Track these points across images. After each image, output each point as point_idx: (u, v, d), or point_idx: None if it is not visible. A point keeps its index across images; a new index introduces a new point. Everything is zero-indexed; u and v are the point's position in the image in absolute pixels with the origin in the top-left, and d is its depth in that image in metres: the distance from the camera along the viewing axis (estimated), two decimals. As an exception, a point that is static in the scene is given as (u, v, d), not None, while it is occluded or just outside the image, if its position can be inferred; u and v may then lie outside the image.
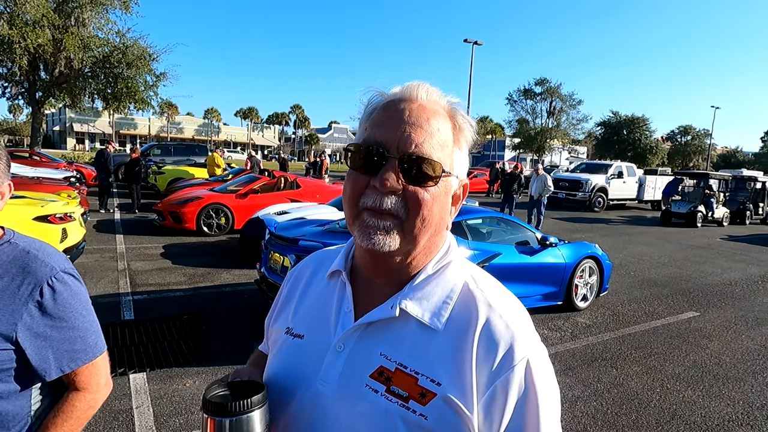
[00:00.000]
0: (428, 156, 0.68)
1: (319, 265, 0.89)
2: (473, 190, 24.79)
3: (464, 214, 5.28)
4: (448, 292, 0.74)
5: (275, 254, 4.68)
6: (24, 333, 1.00)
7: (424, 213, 0.69)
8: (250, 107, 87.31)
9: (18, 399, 1.03)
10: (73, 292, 1.07)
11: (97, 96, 19.92)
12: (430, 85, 0.74)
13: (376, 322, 0.73)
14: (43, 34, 16.49)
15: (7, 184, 1.08)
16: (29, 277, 1.02)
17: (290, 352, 0.80)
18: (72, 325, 1.06)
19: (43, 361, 1.03)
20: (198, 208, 9.35)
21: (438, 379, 0.68)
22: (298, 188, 10.72)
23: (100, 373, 1.12)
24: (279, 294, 0.94)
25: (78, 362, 1.07)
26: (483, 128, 57.52)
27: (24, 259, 1.04)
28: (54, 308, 1.03)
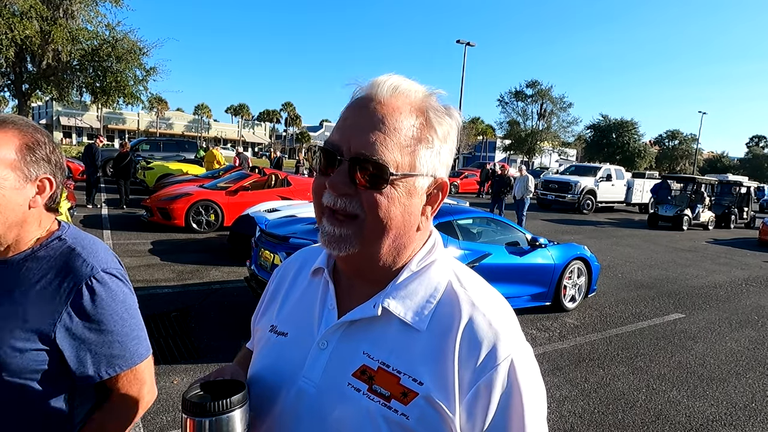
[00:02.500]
0: (379, 158, 0.66)
1: (304, 263, 0.88)
2: (464, 191, 24.88)
3: (455, 214, 5.30)
4: (431, 291, 0.73)
5: (265, 252, 4.65)
6: (62, 333, 0.97)
7: (380, 215, 0.67)
8: (241, 104, 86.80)
9: (57, 403, 1.00)
10: (113, 293, 1.02)
11: (86, 89, 19.63)
12: (400, 78, 0.71)
13: (358, 320, 0.73)
14: (31, 26, 16.22)
15: (45, 178, 1.02)
16: (70, 276, 0.99)
17: (274, 350, 0.79)
18: (110, 329, 1.01)
19: (81, 365, 0.99)
20: (187, 205, 9.27)
21: (420, 379, 0.67)
22: (289, 186, 10.68)
23: (142, 381, 1.07)
24: (265, 292, 0.93)
25: (116, 368, 1.02)
26: (474, 129, 57.76)
27: (68, 257, 1.01)
28: (92, 310, 0.99)
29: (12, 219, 0.99)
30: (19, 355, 0.95)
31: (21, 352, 0.95)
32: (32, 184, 1.02)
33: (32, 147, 1.01)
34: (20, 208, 1.00)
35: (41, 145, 1.03)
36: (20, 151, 0.99)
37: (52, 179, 1.06)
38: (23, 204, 1.00)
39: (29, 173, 1.00)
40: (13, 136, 0.99)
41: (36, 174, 1.02)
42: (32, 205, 1.02)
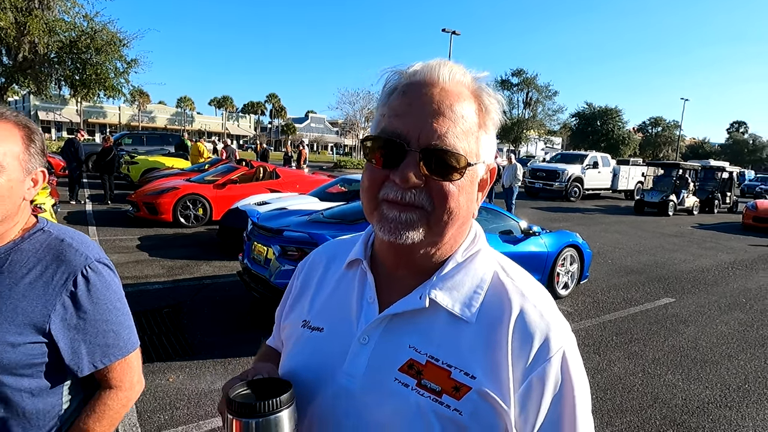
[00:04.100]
0: (452, 148, 0.64)
1: (334, 256, 0.85)
2: (452, 181, 24.86)
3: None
4: (478, 282, 0.71)
5: (258, 245, 4.58)
6: (57, 325, 0.95)
7: (450, 205, 0.65)
8: (225, 96, 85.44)
9: (49, 396, 0.98)
10: (106, 283, 1.02)
11: (64, 83, 19.10)
12: (452, 62, 0.69)
13: (402, 313, 0.70)
14: (5, 17, 15.68)
15: (39, 171, 1.01)
16: (63, 266, 0.97)
17: (309, 346, 0.76)
18: (105, 318, 1.00)
19: (75, 356, 0.98)
20: (174, 199, 9.11)
21: (472, 372, 0.65)
22: (278, 178, 10.55)
23: (133, 370, 1.07)
24: (290, 287, 0.90)
25: (111, 358, 1.02)
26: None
27: (58, 248, 0.99)
28: (87, 300, 0.98)
29: (11, 211, 0.98)
30: (11, 350, 0.93)
31: (14, 347, 0.93)
32: (29, 177, 1.01)
33: (32, 139, 1.00)
34: (19, 200, 0.99)
35: (37, 137, 1.02)
36: (23, 143, 0.98)
37: (45, 172, 1.05)
38: (21, 196, 0.99)
39: (29, 166, 1.00)
40: (14, 127, 0.98)
41: (34, 166, 1.01)
42: (26, 197, 1.01)
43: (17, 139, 0.97)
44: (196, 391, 3.36)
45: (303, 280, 0.86)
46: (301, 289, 0.85)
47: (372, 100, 41.99)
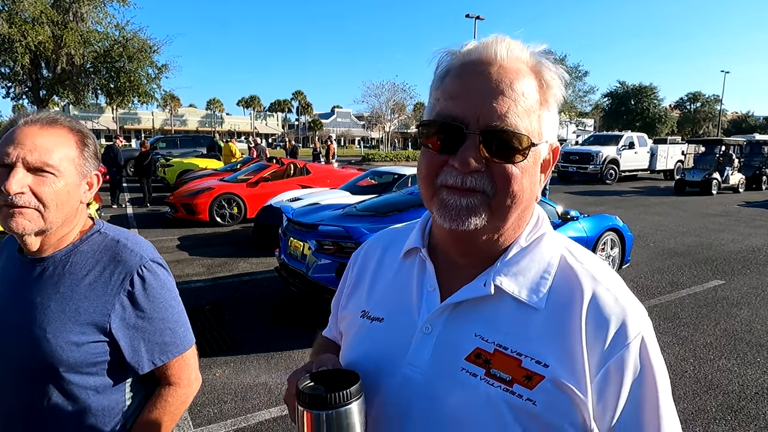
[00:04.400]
0: (514, 128, 0.61)
1: (389, 244, 0.83)
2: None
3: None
4: (545, 267, 0.68)
5: (294, 241, 4.63)
6: (117, 324, 0.98)
7: (513, 189, 0.62)
8: (252, 96, 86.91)
9: (113, 394, 1.02)
10: (162, 282, 1.04)
11: (101, 91, 19.84)
12: (509, 38, 0.65)
13: (466, 301, 0.67)
14: (43, 31, 16.37)
15: (94, 174, 1.04)
16: (120, 267, 1.00)
17: (369, 337, 0.75)
18: (162, 316, 1.03)
19: (135, 354, 1.00)
20: (210, 199, 9.33)
21: (544, 360, 0.62)
22: (308, 174, 10.65)
23: (191, 367, 1.09)
24: (345, 277, 0.89)
25: (169, 355, 1.04)
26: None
27: (114, 249, 1.02)
28: (144, 299, 1.00)
29: (70, 214, 1.00)
30: (76, 349, 0.96)
31: (78, 346, 0.96)
32: (84, 180, 1.03)
33: (85, 143, 1.02)
34: (76, 203, 1.01)
35: (90, 141, 1.04)
36: (78, 147, 1.00)
37: (99, 175, 1.07)
38: (78, 199, 1.02)
39: (84, 170, 1.02)
40: (69, 133, 1.00)
41: (88, 170, 1.03)
42: (82, 200, 1.04)
43: (72, 144, 0.99)
44: (241, 385, 3.43)
45: (358, 270, 0.85)
46: (357, 279, 0.84)
47: (397, 91, 41.82)
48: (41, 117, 0.98)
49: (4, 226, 0.93)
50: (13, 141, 0.93)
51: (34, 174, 0.93)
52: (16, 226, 0.92)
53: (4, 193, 0.90)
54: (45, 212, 0.94)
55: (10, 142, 0.93)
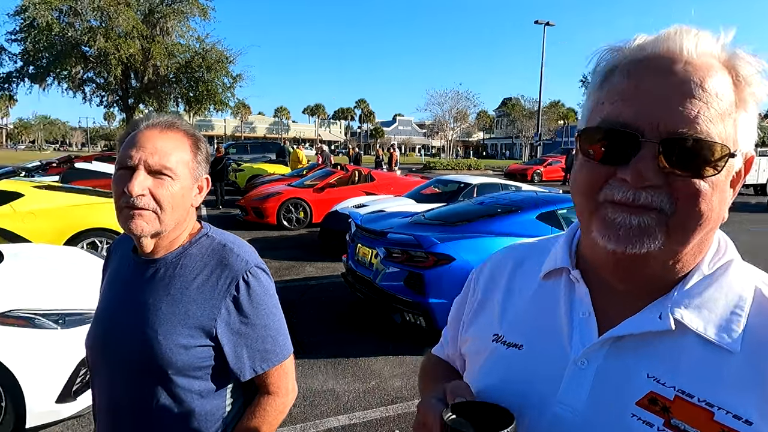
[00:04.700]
0: (706, 135, 0.51)
1: (521, 261, 0.75)
2: (548, 179, 23.70)
3: (558, 203, 4.95)
4: (736, 300, 0.57)
5: (363, 247, 4.64)
6: (222, 329, 0.98)
7: (700, 208, 0.53)
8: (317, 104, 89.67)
9: (215, 399, 1.02)
10: (265, 288, 1.03)
11: (181, 100, 21.29)
12: (696, 28, 0.55)
13: (633, 335, 0.58)
14: (134, 45, 17.84)
15: (204, 178, 1.06)
16: (226, 271, 1.00)
17: (505, 364, 0.67)
18: (264, 323, 1.02)
19: (238, 360, 1.00)
20: (278, 203, 9.63)
21: (745, 416, 0.51)
22: (373, 181, 10.73)
23: (289, 376, 1.08)
24: (466, 294, 0.82)
25: (269, 363, 1.03)
26: (555, 114, 54.99)
27: (221, 253, 1.03)
28: (248, 304, 1.00)
29: (183, 217, 1.02)
30: (184, 352, 0.96)
31: (186, 349, 0.96)
32: (196, 184, 1.04)
33: (198, 147, 1.04)
34: (188, 206, 1.03)
35: (203, 145, 1.05)
36: (192, 151, 1.02)
37: (209, 179, 1.08)
38: (190, 203, 1.03)
39: (197, 173, 1.03)
40: (184, 137, 1.01)
41: (200, 174, 1.04)
42: (193, 204, 1.04)
43: (187, 148, 1.01)
44: (310, 390, 3.45)
45: (485, 288, 0.77)
46: (484, 298, 0.77)
47: (460, 99, 41.44)
48: (161, 121, 1.00)
49: (123, 226, 0.96)
50: (135, 144, 0.96)
51: (153, 177, 0.95)
52: (135, 228, 0.95)
53: (127, 194, 0.93)
54: (161, 215, 0.96)
55: (132, 145, 0.96)
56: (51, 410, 2.64)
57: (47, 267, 3.49)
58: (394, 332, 4.44)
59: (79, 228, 5.45)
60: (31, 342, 2.60)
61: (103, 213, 5.69)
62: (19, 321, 2.62)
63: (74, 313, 2.84)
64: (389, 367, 3.79)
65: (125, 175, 0.94)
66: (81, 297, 3.04)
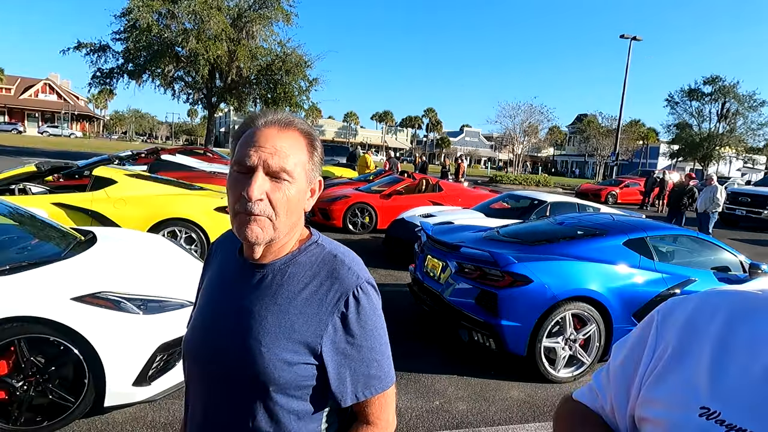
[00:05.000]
0: None
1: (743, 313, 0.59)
2: (624, 201, 22.35)
3: (648, 229, 4.55)
4: None
5: (433, 259, 4.50)
6: (328, 347, 0.90)
7: None
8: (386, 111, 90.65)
9: (311, 422, 0.93)
10: (374, 307, 0.94)
11: (259, 101, 22.29)
12: None
13: None
14: (222, 47, 18.94)
15: (317, 181, 0.98)
16: (337, 285, 0.91)
17: None
18: (370, 345, 0.92)
19: (340, 383, 0.91)
20: (345, 206, 9.71)
21: None
22: (440, 191, 10.56)
23: (390, 407, 0.97)
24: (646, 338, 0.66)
25: (372, 390, 0.93)
26: (634, 133, 51.90)
27: (332, 264, 0.94)
28: (356, 323, 0.91)
29: (296, 222, 0.94)
30: (288, 369, 0.88)
31: (290, 365, 0.88)
32: (310, 187, 0.96)
33: (315, 148, 0.96)
34: (302, 211, 0.95)
35: (318, 145, 0.97)
36: (308, 152, 0.94)
37: (322, 181, 1.00)
38: (303, 207, 0.96)
39: (312, 175, 0.95)
40: (300, 136, 0.94)
41: (315, 176, 0.97)
42: (306, 208, 0.96)
43: (303, 148, 0.93)
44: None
45: (680, 335, 0.62)
46: (680, 348, 0.62)
47: (534, 113, 40.23)
48: (279, 118, 0.93)
49: (238, 232, 0.89)
50: (254, 143, 0.89)
51: (271, 179, 0.88)
52: (251, 234, 0.88)
53: (245, 199, 0.86)
54: (276, 221, 0.89)
55: (251, 144, 0.89)
56: (127, 392, 2.72)
57: (133, 252, 3.66)
58: (460, 350, 4.26)
59: (162, 217, 5.74)
60: (115, 324, 2.70)
61: (184, 204, 5.97)
62: (107, 303, 2.74)
63: (156, 300, 2.93)
64: (454, 388, 3.61)
65: (243, 177, 0.88)
66: (162, 284, 3.15)
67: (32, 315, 2.54)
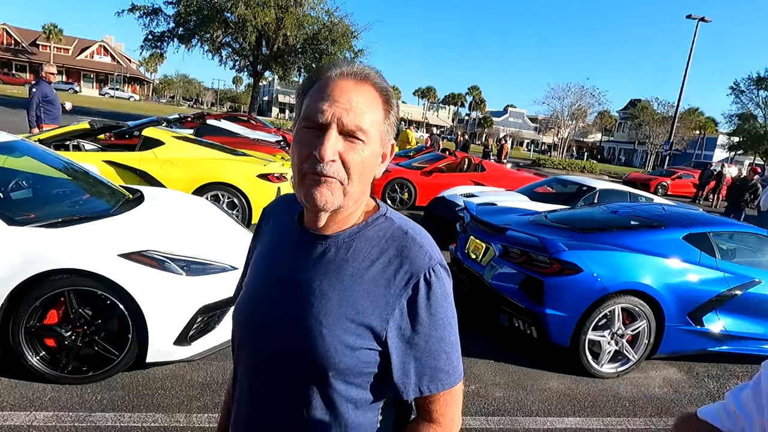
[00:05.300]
0: None
1: None
2: (675, 193, 21.22)
3: (711, 224, 4.23)
4: None
5: (476, 240, 4.35)
6: (393, 333, 0.80)
7: None
8: (429, 87, 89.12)
9: (368, 412, 0.85)
10: (446, 292, 0.83)
11: (304, 70, 22.21)
12: None
13: None
14: (270, 14, 18.85)
15: (390, 144, 0.87)
16: (406, 264, 0.81)
17: None
18: (440, 335, 0.82)
19: (404, 375, 0.81)
20: (385, 181, 9.59)
21: None
22: (483, 171, 10.27)
23: (456, 404, 0.87)
24: None
25: (438, 385, 0.83)
26: (691, 122, 48.92)
27: (402, 241, 0.83)
28: (425, 310, 0.80)
29: (366, 190, 0.84)
30: (350, 353, 0.79)
31: (352, 350, 0.79)
32: (382, 150, 0.85)
33: (391, 106, 0.83)
34: (372, 177, 0.84)
35: (395, 103, 0.85)
36: (384, 110, 0.82)
37: (395, 145, 0.89)
38: (374, 173, 0.85)
39: (386, 137, 0.84)
40: (376, 92, 0.81)
41: (389, 138, 0.85)
42: (376, 174, 0.86)
43: (379, 106, 0.82)
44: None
45: None
46: None
47: (585, 95, 38.52)
48: (355, 70, 0.81)
49: (305, 196, 0.79)
50: (327, 96, 0.77)
51: (344, 139, 0.77)
52: (320, 199, 0.78)
53: (315, 158, 0.76)
54: (347, 185, 0.79)
55: (324, 97, 0.78)
56: (168, 350, 2.76)
57: (178, 213, 3.69)
58: (499, 335, 4.14)
59: (206, 180, 5.80)
60: (159, 283, 2.73)
61: (228, 169, 6.01)
62: (152, 261, 2.76)
63: (199, 262, 2.93)
64: (491, 373, 3.51)
65: (313, 135, 0.77)
66: (205, 247, 3.15)
67: (81, 268, 2.59)
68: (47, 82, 7.42)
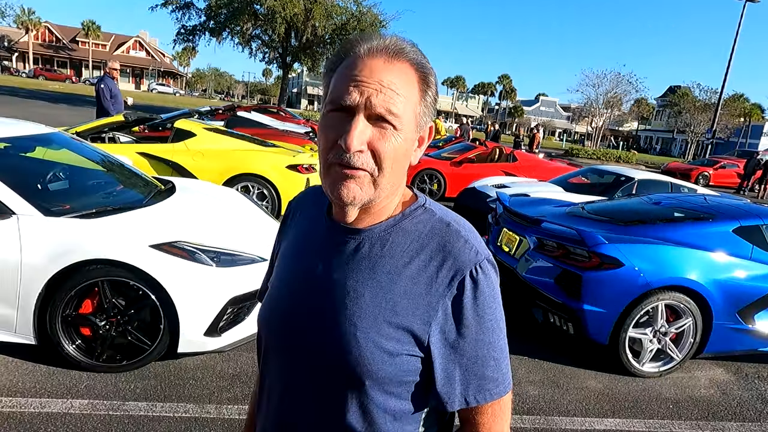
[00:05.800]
0: None
1: None
2: (717, 184, 20.28)
3: (764, 216, 3.96)
4: None
5: (509, 232, 4.21)
6: (437, 337, 0.72)
7: None
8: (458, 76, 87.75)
9: (408, 424, 0.77)
10: (494, 293, 0.74)
11: (332, 61, 22.20)
12: None
13: None
14: (298, 5, 18.89)
15: (428, 128, 0.78)
16: (449, 260, 0.72)
17: None
18: (488, 339, 0.73)
19: (448, 383, 0.72)
20: (414, 172, 9.47)
21: None
22: (514, 161, 10.02)
23: (506, 417, 0.77)
24: None
25: (486, 395, 0.74)
26: (735, 109, 46.53)
27: (444, 234, 0.75)
28: (472, 311, 0.72)
29: (402, 178, 0.75)
30: (388, 360, 0.71)
31: (391, 356, 0.71)
32: (419, 135, 0.76)
33: (429, 85, 0.74)
34: (407, 166, 0.75)
35: (433, 80, 0.75)
36: (420, 90, 0.73)
37: (433, 127, 0.79)
38: (409, 160, 0.76)
39: (422, 121, 0.74)
40: (411, 68, 0.72)
41: (426, 122, 0.75)
42: (412, 162, 0.76)
43: (415, 85, 0.72)
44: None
45: None
46: None
47: (621, 82, 37.14)
48: (387, 45, 0.71)
49: (330, 189, 0.71)
50: (354, 76, 0.68)
51: (373, 124, 0.69)
52: (347, 194, 0.70)
53: (341, 148, 0.67)
54: (378, 177, 0.70)
55: (350, 77, 0.69)
56: (199, 341, 2.77)
57: (209, 204, 3.70)
58: (533, 331, 4.01)
59: (237, 171, 5.84)
60: (189, 274, 2.73)
61: (258, 160, 6.03)
62: (183, 253, 2.76)
63: (228, 253, 2.92)
64: (525, 370, 3.40)
65: (339, 120, 0.69)
66: (235, 238, 3.14)
67: (115, 258, 2.61)
68: (111, 78, 7.59)
